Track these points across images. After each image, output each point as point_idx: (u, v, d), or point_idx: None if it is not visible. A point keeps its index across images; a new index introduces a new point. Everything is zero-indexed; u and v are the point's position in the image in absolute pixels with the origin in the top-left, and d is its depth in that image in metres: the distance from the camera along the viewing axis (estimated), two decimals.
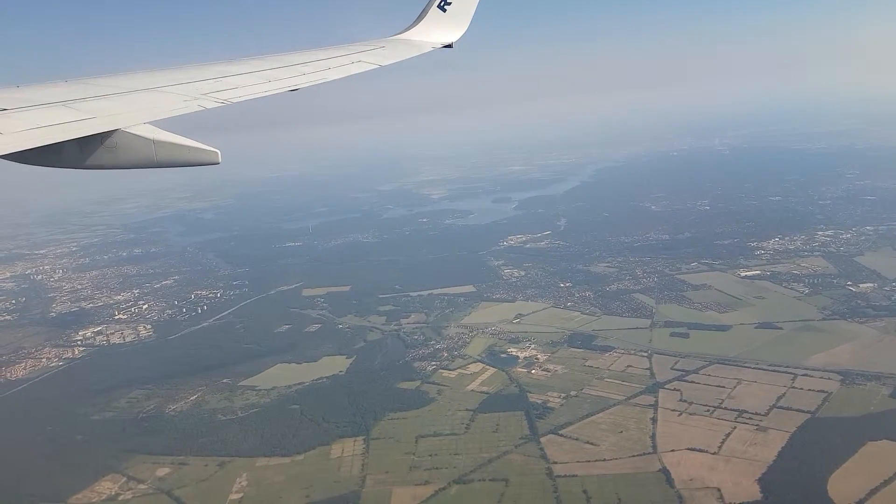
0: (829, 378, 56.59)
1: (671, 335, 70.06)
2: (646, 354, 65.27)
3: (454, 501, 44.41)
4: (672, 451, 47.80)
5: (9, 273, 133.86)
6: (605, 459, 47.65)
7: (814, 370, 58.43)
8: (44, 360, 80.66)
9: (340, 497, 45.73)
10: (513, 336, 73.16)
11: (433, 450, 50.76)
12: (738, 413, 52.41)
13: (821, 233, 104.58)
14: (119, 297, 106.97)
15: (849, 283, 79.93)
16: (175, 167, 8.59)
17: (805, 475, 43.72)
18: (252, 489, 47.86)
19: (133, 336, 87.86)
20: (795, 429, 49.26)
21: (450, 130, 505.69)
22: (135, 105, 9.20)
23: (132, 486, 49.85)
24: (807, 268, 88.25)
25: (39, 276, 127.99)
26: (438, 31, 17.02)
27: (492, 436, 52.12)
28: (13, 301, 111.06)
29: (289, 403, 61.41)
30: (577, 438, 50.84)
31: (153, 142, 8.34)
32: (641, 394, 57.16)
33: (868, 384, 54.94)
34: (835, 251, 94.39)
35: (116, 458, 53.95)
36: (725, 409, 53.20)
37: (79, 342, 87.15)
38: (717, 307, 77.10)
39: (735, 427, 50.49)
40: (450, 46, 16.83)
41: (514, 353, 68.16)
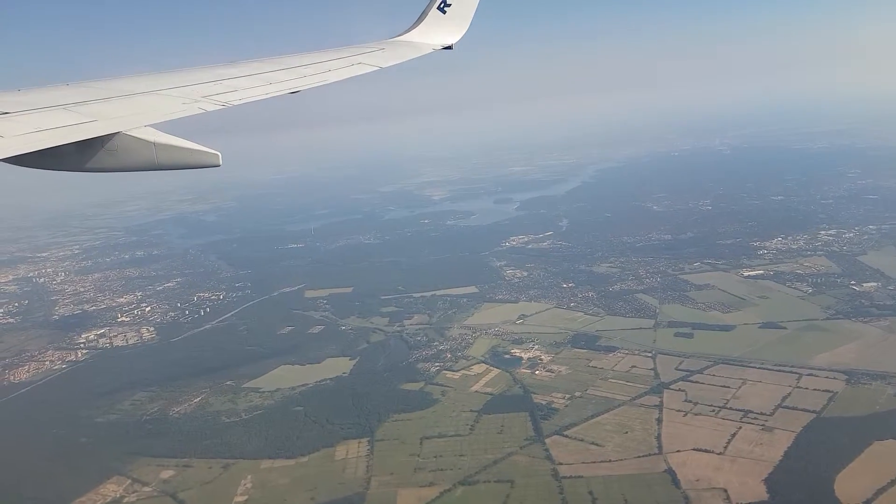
0: (835, 378, 56.51)
1: (675, 335, 69.99)
2: (650, 355, 65.18)
3: (460, 503, 44.31)
4: (678, 452, 47.71)
5: (11, 276, 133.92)
6: (611, 460, 47.56)
7: (819, 370, 58.33)
8: (47, 363, 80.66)
9: (345, 499, 45.68)
10: (516, 337, 73.09)
11: (438, 451, 50.69)
12: (744, 413, 52.32)
13: (823, 232, 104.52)
14: (122, 300, 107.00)
15: (852, 283, 79.85)
16: (176, 170, 8.57)
17: (811, 475, 43.64)
18: (257, 491, 47.80)
19: (136, 338, 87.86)
20: (801, 429, 49.20)
21: (450, 131, 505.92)
22: (135, 108, 9.18)
23: (137, 489, 49.82)
24: (810, 267, 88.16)
25: (42, 279, 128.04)
26: (438, 33, 16.96)
27: (496, 437, 52.04)
28: (16, 304, 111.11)
29: (292, 405, 61.36)
30: (583, 439, 50.76)
31: (154, 144, 8.34)
32: (646, 394, 57.08)
33: (873, 383, 54.88)
34: (838, 250, 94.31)
35: (121, 461, 53.92)
36: (731, 410, 53.13)
37: (82, 345, 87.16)
38: (721, 307, 77.01)
39: (740, 427, 50.41)
40: (450, 48, 16.79)
41: (518, 354, 68.08)
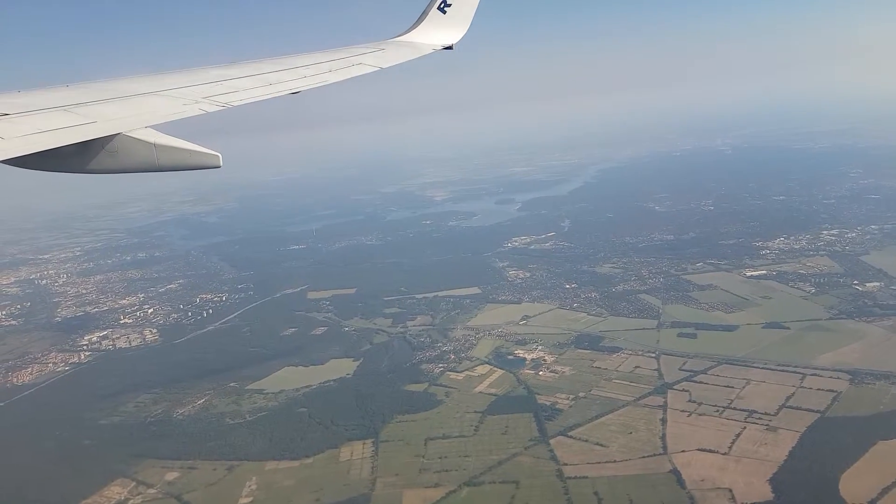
0: (838, 377, 56.49)
1: (678, 336, 69.99)
2: (653, 355, 65.19)
3: None
4: (682, 452, 47.72)
5: (13, 278, 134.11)
6: (616, 461, 47.58)
7: (822, 370, 58.33)
8: (50, 365, 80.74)
9: (350, 500, 45.71)
10: (519, 338, 73.11)
11: (442, 452, 50.70)
12: (748, 413, 52.33)
13: (826, 232, 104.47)
14: (124, 302, 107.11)
15: (855, 283, 79.83)
16: (176, 171, 8.55)
17: (816, 475, 43.63)
18: (262, 493, 47.84)
19: (139, 340, 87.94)
20: (805, 428, 49.20)
21: (451, 132, 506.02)
22: (136, 109, 9.17)
23: (141, 491, 49.86)
24: (812, 267, 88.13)
25: (44, 281, 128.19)
26: (439, 33, 16.95)
27: (501, 438, 52.06)
28: (18, 306, 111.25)
29: (297, 406, 61.41)
30: (587, 440, 50.77)
31: (154, 146, 8.33)
32: (650, 395, 57.08)
33: (877, 383, 54.86)
34: (840, 250, 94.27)
35: (125, 463, 53.99)
36: (735, 410, 53.12)
37: (85, 347, 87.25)
38: (724, 307, 76.99)
39: (745, 427, 50.41)
40: (450, 48, 16.79)
41: (522, 355, 68.09)
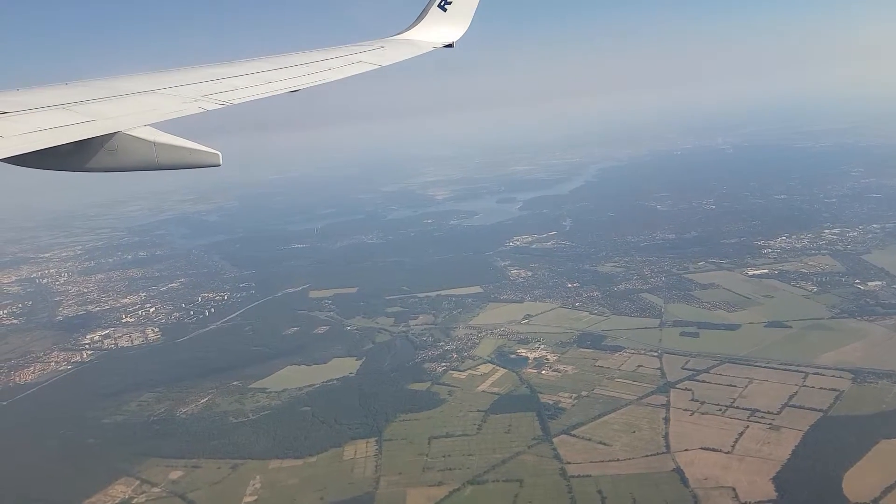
0: (841, 376, 56.53)
1: (681, 335, 70.05)
2: (656, 354, 65.25)
3: (469, 502, 44.41)
4: (685, 451, 47.79)
5: (14, 277, 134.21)
6: (619, 459, 47.65)
7: (825, 369, 58.39)
8: (52, 364, 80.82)
9: (355, 499, 45.79)
10: (522, 337, 73.16)
11: (446, 451, 50.78)
12: (751, 412, 52.37)
13: (827, 231, 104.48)
14: (125, 301, 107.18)
15: (857, 282, 79.86)
16: (176, 169, 8.56)
17: (820, 474, 43.68)
18: (266, 491, 47.92)
19: (141, 339, 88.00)
20: (808, 427, 49.23)
21: (451, 131, 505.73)
22: (135, 107, 9.14)
23: (146, 490, 49.95)
24: (814, 266, 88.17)
25: (45, 280, 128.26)
26: (439, 31, 16.91)
27: (504, 436, 52.13)
28: (20, 305, 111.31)
29: (300, 405, 61.50)
30: (590, 439, 50.84)
31: (154, 144, 8.31)
32: (653, 393, 57.14)
33: (880, 382, 54.94)
34: (842, 249, 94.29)
35: (129, 462, 54.06)
36: (738, 409, 53.17)
37: (87, 346, 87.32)
38: (726, 306, 77.05)
39: (748, 426, 50.46)
40: (450, 46, 16.73)
41: (524, 354, 68.15)
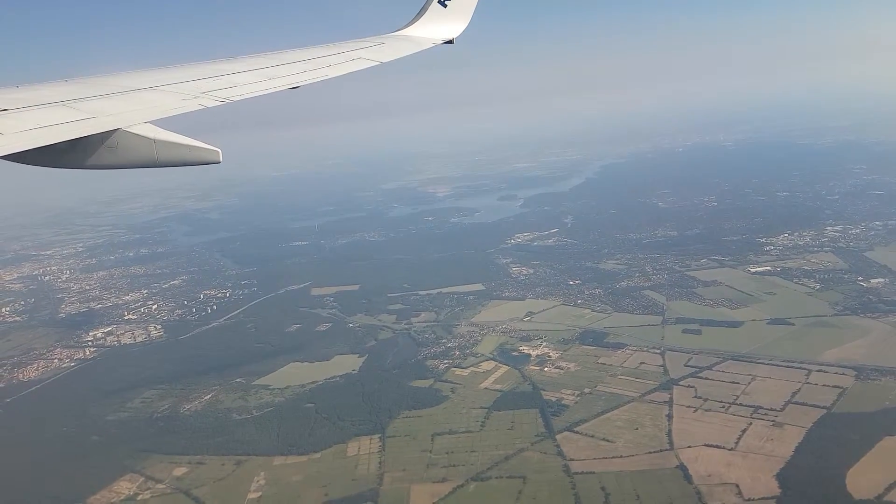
0: (844, 374, 56.57)
1: (683, 332, 70.08)
2: (658, 351, 65.31)
3: (473, 499, 44.51)
4: (689, 448, 47.83)
5: (16, 274, 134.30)
6: (622, 456, 47.71)
7: (828, 366, 58.43)
8: (55, 361, 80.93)
9: (359, 495, 45.87)
10: (524, 334, 73.22)
11: (449, 447, 50.87)
12: (754, 409, 52.42)
13: (830, 228, 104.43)
14: (128, 298, 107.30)
15: (860, 279, 79.86)
16: (176, 167, 8.54)
17: (823, 470, 43.73)
18: (270, 488, 48.03)
19: (144, 336, 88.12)
20: (811, 424, 49.26)
21: (451, 128, 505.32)
22: (135, 104, 9.12)
23: (150, 486, 50.05)
24: (817, 263, 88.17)
25: (47, 277, 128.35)
26: (439, 27, 16.88)
27: (507, 433, 52.22)
28: (22, 302, 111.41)
29: (303, 402, 61.57)
30: (593, 435, 50.91)
31: (154, 141, 8.29)
32: (656, 390, 57.19)
33: (883, 379, 54.97)
34: (844, 246, 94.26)
35: (133, 458, 54.15)
36: (741, 406, 53.23)
37: (89, 343, 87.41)
38: (729, 303, 77.08)
39: (751, 423, 50.51)
40: (451, 42, 16.74)
41: (526, 351, 68.22)
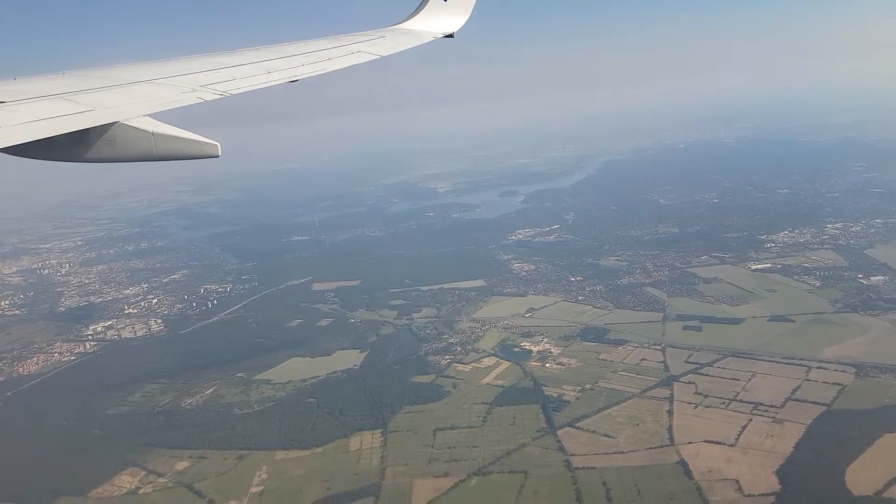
0: (844, 371, 56.75)
1: (684, 328, 70.24)
2: (659, 348, 65.47)
3: (475, 493, 44.68)
4: (689, 444, 48.03)
5: (15, 267, 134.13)
6: (623, 452, 47.92)
7: (828, 363, 58.61)
8: (56, 355, 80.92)
9: (361, 489, 46.03)
10: (525, 330, 73.32)
11: (451, 442, 51.04)
12: (754, 405, 52.62)
13: (830, 226, 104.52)
14: (128, 292, 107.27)
15: (860, 276, 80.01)
16: (175, 160, 8.50)
17: (823, 467, 43.93)
18: (272, 482, 48.16)
19: (144, 330, 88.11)
20: (811, 421, 49.45)
21: (452, 123, 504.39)
22: (133, 97, 9.04)
23: (152, 480, 50.16)
24: (817, 261, 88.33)
25: (46, 271, 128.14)
26: (440, 20, 16.77)
27: (509, 429, 52.39)
28: (21, 296, 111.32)
29: (305, 397, 61.66)
30: (594, 431, 51.09)
31: (152, 134, 8.25)
32: (656, 387, 57.37)
33: (882, 377, 55.15)
34: (845, 244, 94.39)
35: (135, 452, 54.25)
36: (741, 402, 53.44)
37: (90, 337, 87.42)
38: (729, 300, 77.22)
39: (751, 419, 50.71)
40: (451, 36, 16.61)
41: (528, 347, 68.33)
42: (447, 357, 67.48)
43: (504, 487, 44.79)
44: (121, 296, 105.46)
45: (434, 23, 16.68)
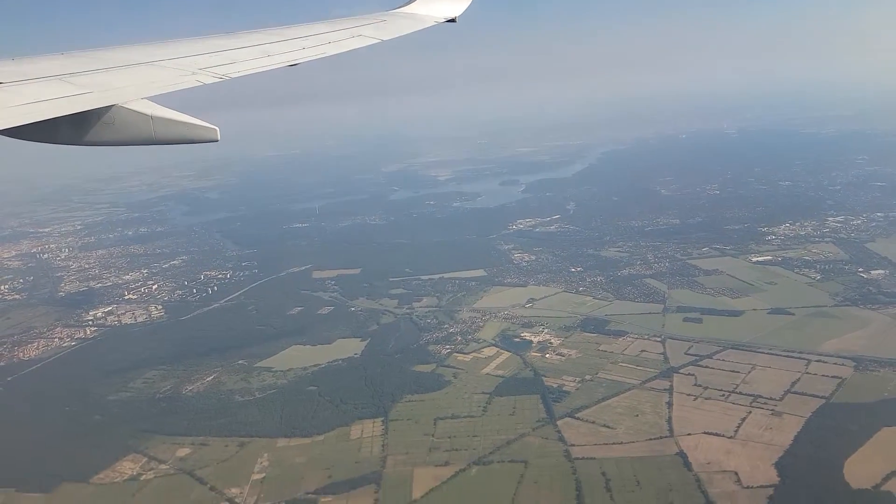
0: (843, 364, 56.97)
1: (684, 320, 70.35)
2: (659, 339, 65.61)
3: (475, 482, 44.96)
4: (688, 435, 48.29)
5: (14, 251, 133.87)
6: (623, 442, 48.17)
7: (827, 356, 58.82)
8: (56, 340, 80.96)
9: (362, 477, 46.26)
10: (525, 320, 73.41)
11: (451, 431, 51.28)
12: (753, 398, 52.86)
13: (831, 219, 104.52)
14: (127, 277, 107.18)
15: (860, 270, 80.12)
16: (173, 144, 8.42)
17: (821, 460, 44.20)
18: (274, 469, 48.38)
19: (144, 316, 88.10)
20: (810, 414, 49.72)
21: (452, 110, 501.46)
22: (132, 79, 8.96)
23: (153, 466, 50.36)
24: (818, 254, 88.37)
25: (45, 255, 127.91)
26: (442, 5, 16.64)
27: (509, 418, 52.60)
28: (21, 280, 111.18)
29: (306, 385, 61.81)
30: (594, 422, 51.32)
31: (151, 118, 8.17)
32: (656, 378, 57.58)
33: (882, 370, 55.39)
34: (846, 237, 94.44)
35: (136, 439, 54.43)
36: (740, 394, 53.67)
37: (90, 322, 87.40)
38: (730, 292, 77.32)
39: (750, 412, 50.96)
40: (453, 21, 16.49)
41: (528, 338, 68.46)
42: (448, 347, 67.60)
43: (504, 477, 45.05)
44: (121, 281, 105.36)
45: (436, 7, 16.54)
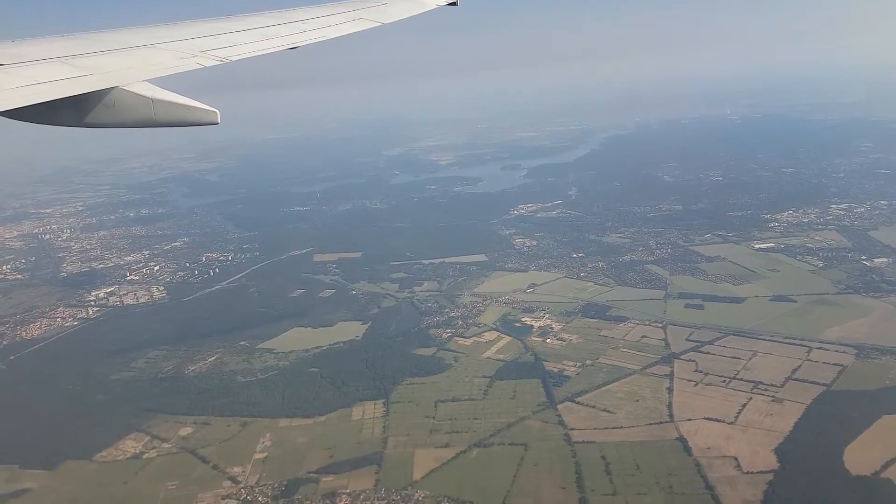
0: (844, 352, 57.09)
1: (686, 306, 70.39)
2: (660, 325, 65.67)
3: (475, 464, 45.28)
4: (689, 420, 48.54)
5: (16, 232, 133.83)
6: (623, 427, 48.45)
7: (828, 343, 58.91)
8: (58, 320, 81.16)
9: (364, 458, 46.63)
10: (526, 305, 73.45)
11: (452, 414, 51.58)
12: (754, 384, 53.04)
13: (835, 206, 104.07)
14: (129, 258, 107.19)
15: (863, 258, 79.95)
16: (174, 126, 8.45)
17: (821, 446, 44.47)
18: (276, 449, 48.77)
19: (146, 297, 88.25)
20: (811, 401, 49.94)
21: (454, 94, 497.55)
22: (132, 62, 8.97)
23: (156, 445, 50.77)
24: (821, 241, 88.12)
25: (47, 236, 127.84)
26: None
27: (509, 402, 52.87)
28: (23, 260, 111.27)
29: (307, 367, 62.10)
30: (594, 406, 51.57)
31: (152, 100, 8.19)
32: (657, 364, 57.75)
33: (883, 358, 55.52)
34: (849, 225, 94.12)
35: (139, 418, 54.83)
36: (741, 381, 53.85)
37: (92, 302, 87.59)
38: (732, 279, 77.24)
39: (751, 398, 51.16)
40: (454, 4, 16.35)
41: (529, 322, 68.54)
42: (448, 330, 67.73)
43: (504, 459, 45.37)
44: (122, 262, 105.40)
45: None
